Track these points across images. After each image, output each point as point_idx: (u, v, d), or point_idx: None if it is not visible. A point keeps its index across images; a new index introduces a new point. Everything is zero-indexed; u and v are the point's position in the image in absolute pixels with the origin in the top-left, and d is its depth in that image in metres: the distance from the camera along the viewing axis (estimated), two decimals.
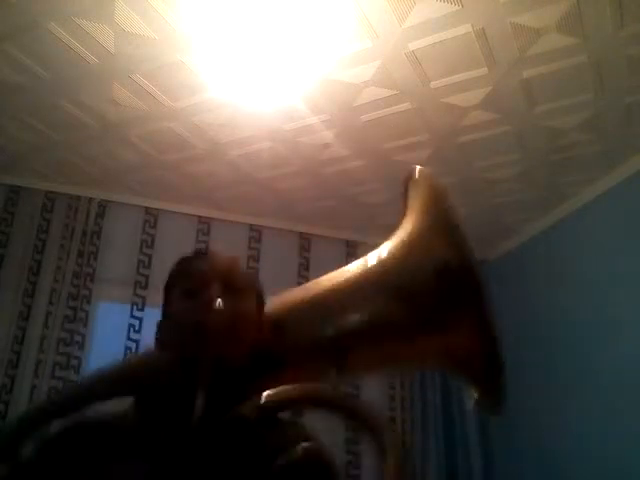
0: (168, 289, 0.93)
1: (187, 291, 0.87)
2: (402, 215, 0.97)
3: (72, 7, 1.78)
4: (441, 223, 0.87)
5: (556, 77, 2.04)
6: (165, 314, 0.92)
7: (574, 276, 2.81)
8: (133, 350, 2.77)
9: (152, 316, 2.90)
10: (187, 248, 3.41)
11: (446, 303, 0.84)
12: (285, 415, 0.85)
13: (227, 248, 3.33)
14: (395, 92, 2.15)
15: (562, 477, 2.69)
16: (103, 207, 2.95)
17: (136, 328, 2.82)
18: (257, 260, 3.14)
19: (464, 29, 1.83)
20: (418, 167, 0.97)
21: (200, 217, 3.13)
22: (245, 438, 0.78)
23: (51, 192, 2.88)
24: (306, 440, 0.87)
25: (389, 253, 0.92)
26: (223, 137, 2.47)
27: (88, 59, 2.01)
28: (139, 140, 2.51)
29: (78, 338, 2.69)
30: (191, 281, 0.88)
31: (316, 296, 0.95)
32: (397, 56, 1.96)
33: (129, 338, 2.79)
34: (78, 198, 2.90)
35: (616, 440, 2.41)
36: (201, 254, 0.95)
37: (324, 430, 0.92)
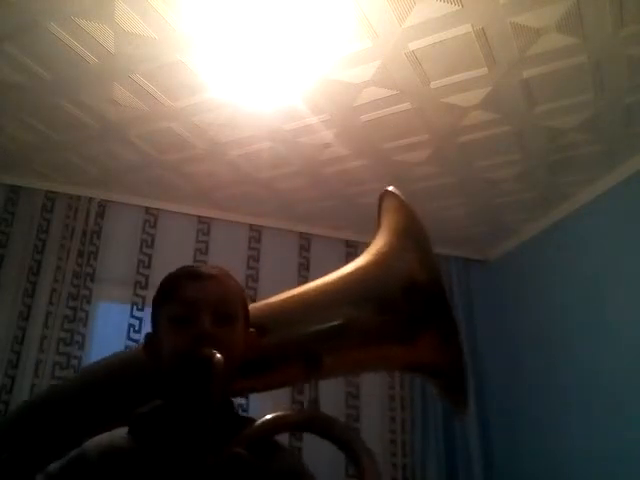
0: (157, 306, 0.93)
1: (176, 317, 0.87)
2: (375, 232, 1.08)
3: (72, 7, 1.78)
4: (410, 241, 0.96)
5: (556, 77, 2.04)
6: (154, 331, 0.92)
7: (574, 276, 2.81)
8: None
9: None
10: (187, 248, 3.42)
11: (412, 316, 0.92)
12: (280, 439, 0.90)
13: (227, 248, 3.32)
14: (395, 92, 2.15)
15: (562, 477, 2.69)
16: (103, 207, 2.95)
17: (136, 328, 2.82)
18: (257, 260, 3.14)
19: (464, 29, 1.83)
20: (390, 188, 1.09)
21: (200, 217, 3.13)
22: (247, 469, 0.80)
23: (51, 192, 2.88)
24: (300, 468, 0.91)
25: (363, 267, 1.00)
26: (223, 137, 2.47)
27: (88, 59, 2.01)
28: (139, 140, 2.51)
29: (78, 338, 2.69)
30: (181, 308, 0.88)
31: (298, 300, 1.01)
32: (397, 56, 1.96)
33: (129, 338, 2.79)
34: (78, 198, 2.90)
35: (616, 441, 2.41)
36: (191, 275, 0.93)
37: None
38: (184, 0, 1.75)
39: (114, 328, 2.83)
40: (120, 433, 0.88)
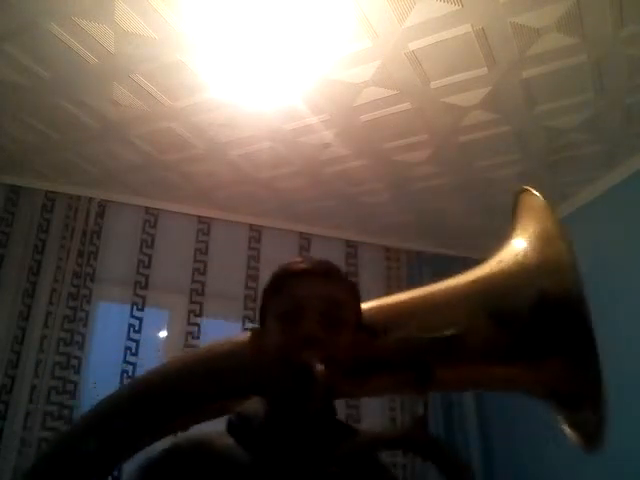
0: (266, 299, 0.90)
1: (284, 315, 0.84)
2: (510, 233, 0.96)
3: (72, 7, 1.78)
4: (555, 256, 0.85)
5: (556, 77, 2.04)
6: (261, 325, 0.89)
7: None
8: (133, 350, 2.77)
9: (152, 316, 2.90)
10: (187, 248, 3.41)
11: (540, 335, 0.82)
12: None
13: (227, 248, 3.32)
14: (395, 92, 2.15)
15: (562, 477, 2.69)
16: (103, 207, 2.95)
17: (136, 328, 2.82)
18: (257, 260, 3.14)
19: (464, 29, 1.83)
20: (534, 191, 0.98)
21: (200, 217, 3.13)
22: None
23: (51, 192, 2.88)
24: None
25: (490, 274, 0.90)
26: (223, 137, 2.47)
27: (88, 59, 2.01)
28: (139, 140, 2.51)
29: (78, 338, 2.69)
30: (289, 305, 0.84)
31: (413, 304, 0.93)
32: (397, 56, 1.96)
33: (129, 338, 2.79)
34: (78, 198, 2.90)
35: (617, 441, 2.41)
36: (303, 271, 0.88)
37: None
38: (184, 0, 1.75)
39: (114, 328, 2.83)
40: (216, 430, 0.86)
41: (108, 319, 2.91)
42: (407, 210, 3.05)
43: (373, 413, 3.05)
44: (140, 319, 2.84)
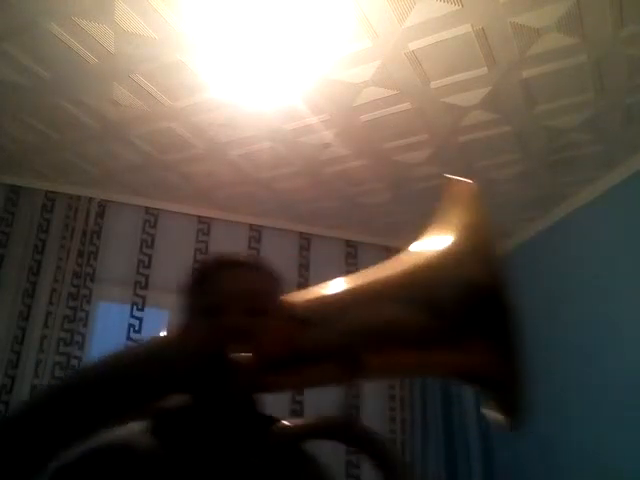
0: (187, 296, 0.88)
1: (207, 309, 0.82)
2: (433, 223, 0.97)
3: (72, 7, 1.78)
4: (481, 244, 0.87)
5: (556, 77, 2.04)
6: (184, 322, 0.88)
7: (574, 276, 2.81)
8: None
9: (152, 316, 2.90)
10: (187, 248, 3.41)
11: (464, 322, 0.84)
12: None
13: (227, 248, 3.32)
14: (395, 92, 2.15)
15: (562, 477, 2.69)
16: (103, 207, 2.95)
17: (136, 328, 2.82)
18: None
19: (464, 29, 1.83)
20: (463, 180, 0.99)
21: (200, 217, 3.13)
22: (278, 473, 0.76)
23: (51, 192, 2.88)
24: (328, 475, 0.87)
25: (419, 261, 0.91)
26: (223, 137, 2.47)
27: (88, 59, 2.01)
28: (139, 140, 2.51)
29: (78, 338, 2.69)
30: (211, 299, 0.83)
31: (341, 295, 0.93)
32: (397, 56, 1.96)
33: (129, 338, 2.79)
34: (78, 198, 2.90)
35: (617, 442, 2.41)
36: (224, 264, 0.87)
37: None
38: (184, 0, 1.75)
39: (114, 328, 2.83)
40: (138, 428, 0.84)
41: (108, 319, 2.91)
42: (407, 210, 3.05)
43: (373, 413, 3.05)
44: (140, 319, 2.84)
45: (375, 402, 3.07)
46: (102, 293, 2.88)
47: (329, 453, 0.90)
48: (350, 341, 0.87)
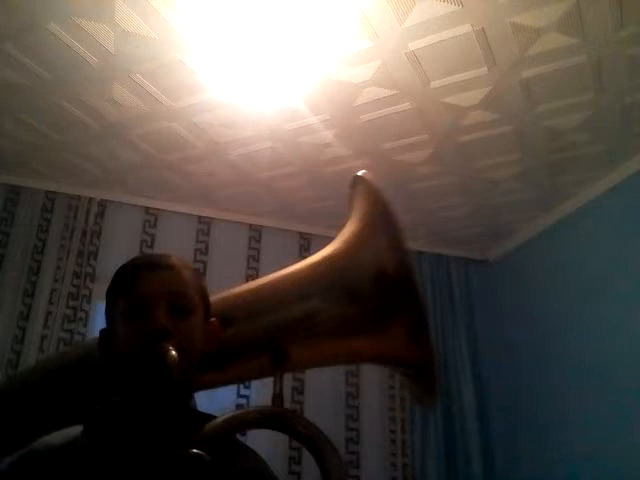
0: (110, 300, 0.89)
1: (130, 312, 0.83)
2: (347, 218, 1.05)
3: (72, 7, 1.78)
4: (380, 227, 0.92)
5: (556, 77, 2.04)
6: (109, 326, 0.89)
7: (574, 276, 2.81)
8: None
9: None
10: (187, 248, 3.40)
11: (380, 307, 0.89)
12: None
13: (227, 248, 3.31)
14: (395, 92, 2.15)
15: (561, 478, 2.69)
16: (103, 207, 2.95)
17: None
18: (257, 260, 3.14)
19: (464, 29, 1.83)
20: (361, 172, 1.05)
21: (200, 217, 3.13)
22: (204, 470, 0.76)
23: (51, 192, 2.88)
24: (262, 469, 0.88)
25: (331, 256, 0.97)
26: (223, 137, 2.47)
27: (88, 59, 2.01)
28: (139, 140, 2.51)
29: (78, 338, 2.69)
30: (134, 302, 0.84)
31: (262, 290, 0.98)
32: (397, 56, 1.96)
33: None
34: (78, 198, 2.90)
35: (617, 442, 2.41)
36: (144, 266, 0.89)
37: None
38: (184, 0, 1.75)
39: None
40: (73, 431, 0.85)
41: None
42: (407, 210, 3.05)
43: (373, 413, 3.06)
44: None
45: (375, 402, 3.07)
46: (102, 293, 2.84)
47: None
48: (274, 334, 0.91)
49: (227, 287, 1.04)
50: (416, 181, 2.78)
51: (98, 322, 2.86)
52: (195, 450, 0.72)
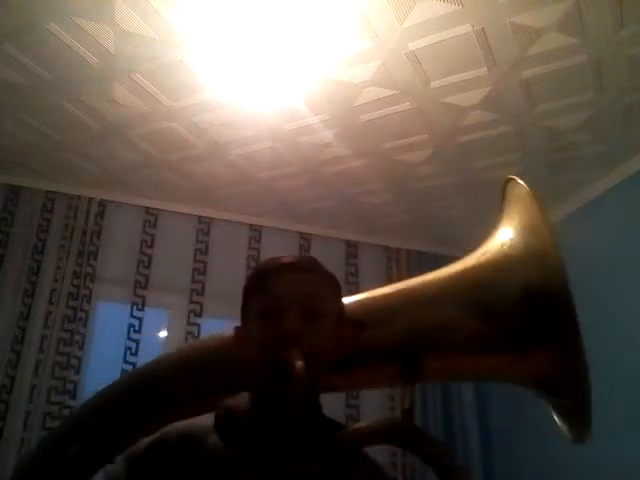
0: (246, 298, 0.90)
1: (265, 312, 0.83)
2: (497, 224, 0.95)
3: (72, 7, 1.78)
4: (540, 246, 0.84)
5: (556, 77, 2.04)
6: (243, 324, 0.90)
7: (573, 276, 2.79)
8: (133, 350, 2.76)
9: (152, 316, 2.90)
10: (187, 248, 3.40)
11: (525, 327, 0.82)
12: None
13: (227, 248, 3.31)
14: (395, 92, 2.15)
15: (561, 478, 2.69)
16: (103, 207, 2.95)
17: (136, 328, 2.82)
18: (257, 260, 3.14)
19: (464, 29, 1.83)
20: (520, 180, 0.97)
21: (200, 217, 3.13)
22: (337, 475, 0.76)
23: (51, 192, 2.88)
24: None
25: (476, 266, 0.90)
26: (223, 137, 2.47)
27: (88, 59, 2.01)
28: (139, 140, 2.51)
29: (78, 338, 2.69)
30: (269, 303, 0.84)
31: (399, 296, 0.93)
32: (397, 56, 1.96)
33: (129, 338, 2.79)
34: (78, 198, 2.90)
35: (617, 442, 2.41)
36: (282, 267, 0.88)
37: None
38: (184, 0, 1.75)
39: (114, 328, 2.83)
40: (202, 424, 0.86)
41: (108, 319, 2.91)
42: (407, 210, 3.05)
43: (373, 413, 3.05)
44: (140, 319, 2.84)
45: (375, 402, 3.07)
46: (102, 293, 2.88)
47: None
48: (408, 343, 0.86)
49: (227, 287, 1.04)
50: (416, 181, 2.78)
51: (98, 322, 2.87)
52: (313, 463, 0.72)
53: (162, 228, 3.05)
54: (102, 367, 2.76)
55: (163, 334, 2.99)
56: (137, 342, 2.79)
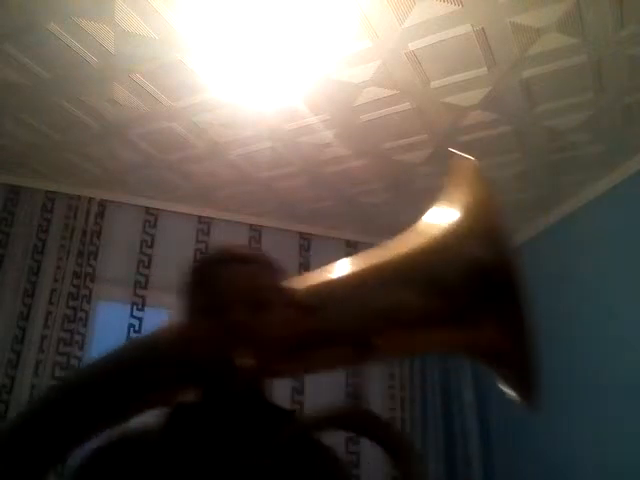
0: (187, 295, 0.87)
1: (206, 308, 0.82)
2: (442, 198, 0.96)
3: (72, 7, 1.78)
4: (485, 222, 0.85)
5: (556, 77, 2.04)
6: (186, 321, 0.87)
7: (574, 276, 2.81)
8: None
9: (152, 316, 2.90)
10: (187, 248, 3.40)
11: (473, 301, 0.83)
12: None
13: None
14: (395, 92, 2.15)
15: (561, 478, 2.69)
16: (103, 207, 2.95)
17: (136, 328, 2.82)
18: None
19: (464, 29, 1.83)
20: (470, 157, 0.97)
21: (200, 217, 3.13)
22: (293, 465, 0.76)
23: (51, 192, 2.88)
24: (339, 472, 0.87)
25: (423, 245, 0.91)
26: (223, 137, 2.47)
27: (88, 59, 2.01)
28: (139, 140, 2.51)
29: (78, 338, 2.69)
30: (210, 298, 0.82)
31: (349, 278, 0.92)
32: (397, 56, 1.96)
33: (129, 338, 2.79)
34: (78, 198, 2.90)
35: (617, 443, 2.41)
36: (220, 260, 0.87)
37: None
38: (184, 0, 1.75)
39: (114, 328, 2.83)
40: (153, 422, 0.85)
41: (108, 319, 2.91)
42: (407, 210, 3.05)
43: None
44: (140, 319, 2.84)
45: (375, 402, 3.07)
46: (102, 293, 2.88)
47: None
48: (358, 324, 0.85)
49: None
50: (416, 181, 2.78)
51: (98, 322, 2.87)
52: (276, 453, 0.72)
53: (162, 228, 3.05)
54: None
55: (164, 332, 2.99)
56: (139, 339, 2.79)
